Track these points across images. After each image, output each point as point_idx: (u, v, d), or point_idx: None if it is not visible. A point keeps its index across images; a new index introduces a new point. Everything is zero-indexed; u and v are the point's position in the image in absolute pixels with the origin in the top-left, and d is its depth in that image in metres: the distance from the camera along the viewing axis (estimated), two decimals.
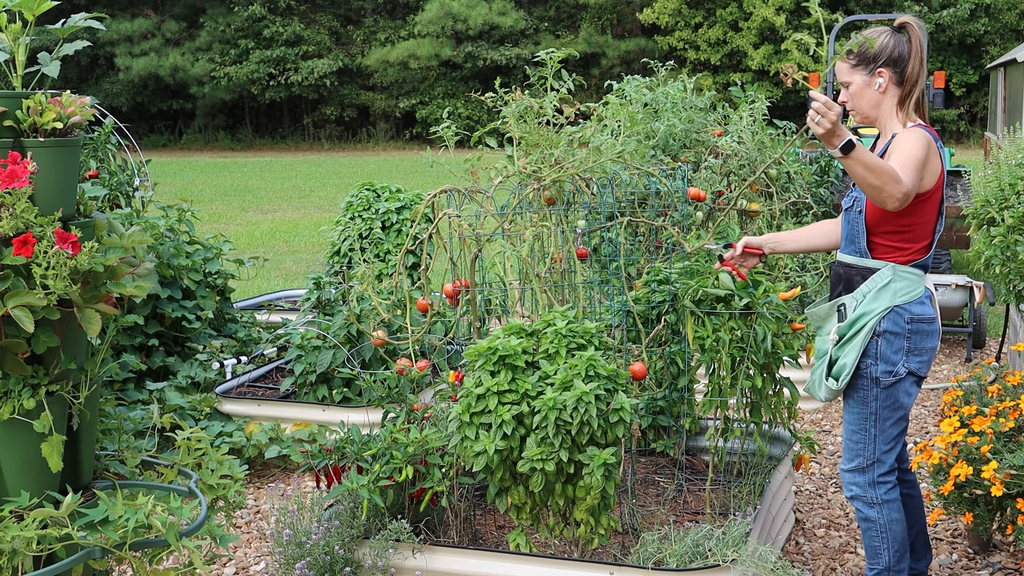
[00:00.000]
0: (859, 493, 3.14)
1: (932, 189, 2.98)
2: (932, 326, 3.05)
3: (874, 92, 3.05)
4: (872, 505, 3.13)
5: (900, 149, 2.93)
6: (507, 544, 3.29)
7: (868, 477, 3.12)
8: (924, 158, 2.91)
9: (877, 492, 3.12)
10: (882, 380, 3.02)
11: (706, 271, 3.78)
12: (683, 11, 29.98)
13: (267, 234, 13.40)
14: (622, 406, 2.99)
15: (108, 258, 2.31)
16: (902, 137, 2.98)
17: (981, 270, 5.03)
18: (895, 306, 2.99)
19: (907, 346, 3.01)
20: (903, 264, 3.01)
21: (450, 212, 3.73)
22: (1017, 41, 27.15)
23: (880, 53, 3.02)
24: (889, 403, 3.05)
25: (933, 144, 2.97)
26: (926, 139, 2.95)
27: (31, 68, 2.41)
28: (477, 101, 28.09)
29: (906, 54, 3.03)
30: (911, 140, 2.94)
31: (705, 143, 5.31)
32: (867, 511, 3.15)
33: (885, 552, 3.15)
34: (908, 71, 3.03)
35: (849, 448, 3.14)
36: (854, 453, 3.13)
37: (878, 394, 3.04)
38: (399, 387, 4.30)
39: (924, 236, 3.03)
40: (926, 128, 3.02)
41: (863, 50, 3.03)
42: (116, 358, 5.13)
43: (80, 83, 31.72)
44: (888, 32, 3.05)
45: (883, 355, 3.01)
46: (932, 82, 9.66)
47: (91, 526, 2.24)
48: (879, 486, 3.12)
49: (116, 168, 6.34)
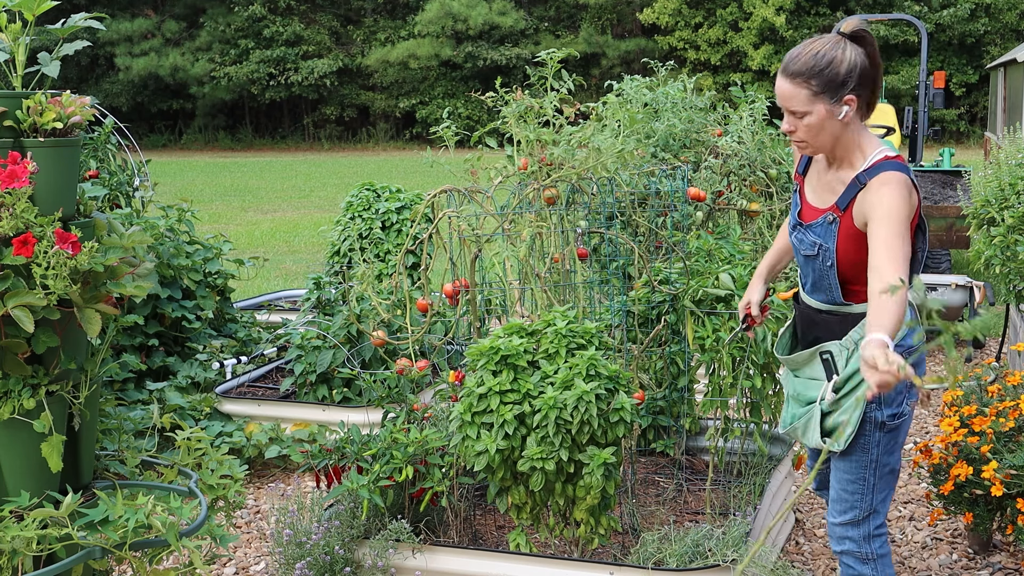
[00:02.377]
0: (852, 548, 2.77)
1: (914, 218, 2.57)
2: (923, 354, 2.75)
3: (836, 123, 2.53)
4: (866, 561, 2.78)
5: (878, 229, 2.46)
6: (507, 544, 3.29)
7: (863, 531, 2.76)
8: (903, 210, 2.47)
9: (872, 546, 2.77)
10: (888, 424, 2.66)
11: (706, 271, 3.78)
12: (683, 11, 29.97)
13: (267, 234, 13.41)
14: (622, 406, 2.99)
15: (108, 258, 2.31)
16: (882, 205, 2.48)
17: (981, 270, 5.03)
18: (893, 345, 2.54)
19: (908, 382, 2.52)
20: None
21: (450, 212, 3.73)
22: (1017, 41, 27.15)
23: (849, 76, 2.49)
24: (891, 446, 2.71)
25: (910, 184, 2.52)
26: (905, 190, 2.50)
27: (31, 68, 2.41)
28: (477, 101, 28.11)
29: (873, 72, 2.55)
30: (891, 200, 2.47)
31: (705, 143, 5.31)
32: (859, 567, 2.79)
33: None
34: (876, 88, 2.58)
35: (843, 500, 2.76)
36: (849, 504, 2.75)
37: (880, 439, 2.68)
38: (399, 387, 4.30)
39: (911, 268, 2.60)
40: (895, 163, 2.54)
41: (829, 74, 2.49)
42: (116, 358, 5.13)
43: (80, 83, 31.71)
44: (844, 44, 2.53)
45: (887, 399, 2.64)
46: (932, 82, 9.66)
47: (91, 526, 2.24)
48: (875, 539, 2.77)
49: (116, 168, 6.34)
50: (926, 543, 4.03)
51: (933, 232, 7.18)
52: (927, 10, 27.60)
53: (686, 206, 4.27)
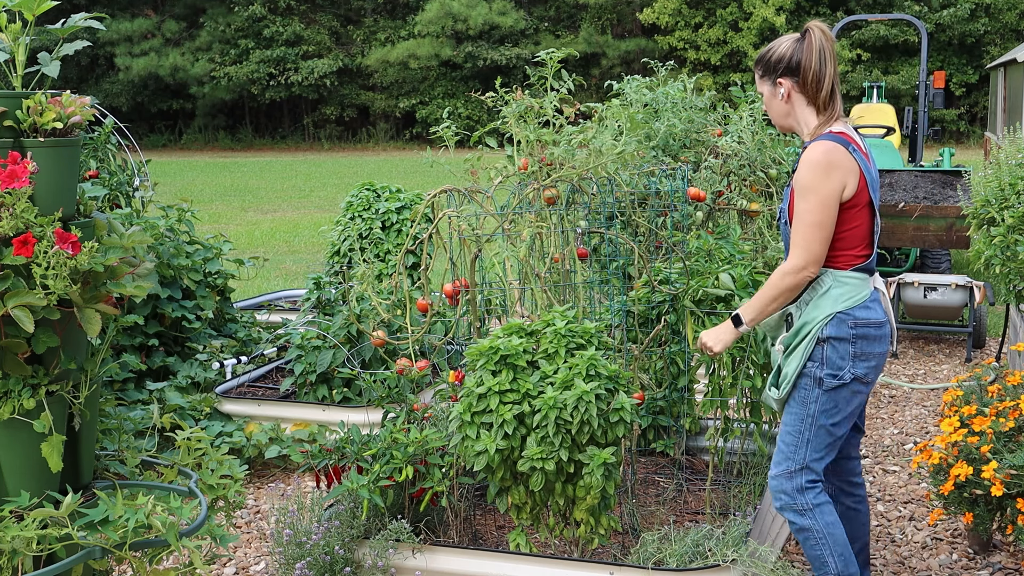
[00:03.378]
0: (788, 502, 2.99)
1: (854, 197, 2.89)
2: (880, 330, 2.95)
3: (779, 103, 3.03)
4: (803, 512, 2.98)
5: (797, 204, 2.89)
6: (507, 544, 3.29)
7: (795, 483, 2.98)
8: (822, 182, 2.84)
9: (806, 497, 2.98)
10: (825, 382, 2.91)
11: (706, 271, 3.78)
12: (683, 11, 29.97)
13: (267, 234, 13.41)
14: (622, 406, 2.99)
15: (108, 258, 2.31)
16: (801, 171, 2.90)
17: (981, 270, 5.03)
18: (837, 312, 2.90)
19: (853, 351, 2.90)
20: (843, 270, 2.93)
21: (450, 212, 3.73)
22: (1017, 41, 27.15)
23: (778, 63, 3.00)
24: (828, 407, 2.94)
25: (837, 156, 2.88)
26: (825, 159, 2.87)
27: (31, 68, 2.41)
28: (477, 101, 28.12)
29: (804, 59, 2.96)
30: (805, 175, 2.88)
31: (705, 143, 5.31)
32: (800, 520, 2.99)
33: (830, 559, 3.00)
34: (808, 75, 2.96)
35: (779, 451, 3.02)
36: (784, 456, 3.00)
37: (819, 396, 2.93)
38: (399, 387, 4.30)
39: (859, 240, 2.94)
40: (832, 136, 2.92)
41: (765, 60, 3.04)
42: (116, 358, 5.13)
43: (80, 83, 31.71)
44: (790, 40, 3.03)
45: (829, 360, 2.91)
46: (932, 82, 9.66)
47: (91, 526, 2.24)
48: (807, 491, 2.98)
49: (116, 168, 6.34)
50: (926, 543, 4.03)
51: (933, 232, 7.17)
52: (927, 10, 27.60)
53: (686, 206, 4.27)
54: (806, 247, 2.88)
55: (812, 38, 2.98)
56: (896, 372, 6.62)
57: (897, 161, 8.61)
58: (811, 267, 2.90)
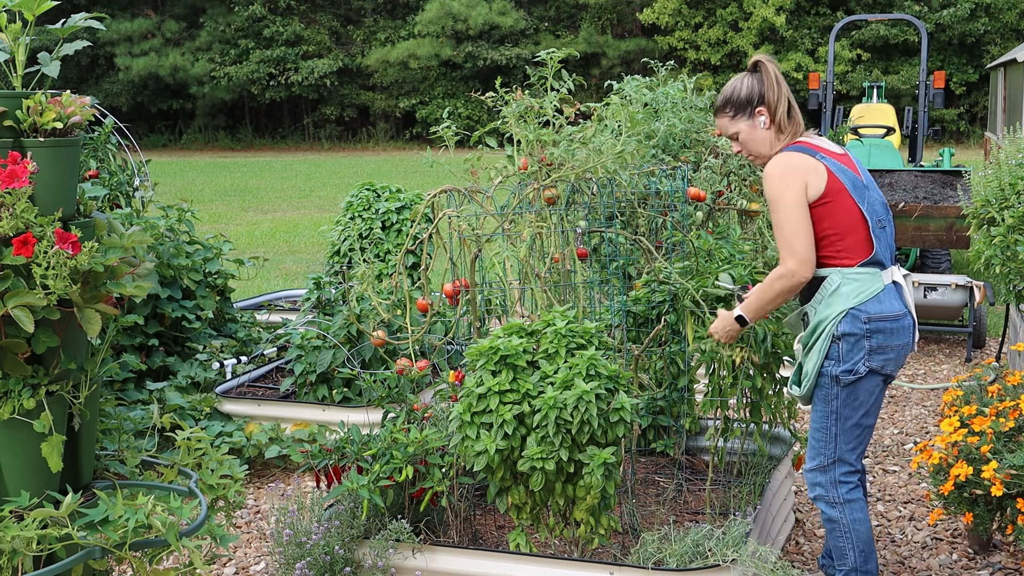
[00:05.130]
0: (822, 493, 3.18)
1: (824, 194, 3.03)
2: (897, 323, 3.07)
3: (762, 131, 3.19)
4: (834, 505, 3.17)
5: (772, 218, 3.09)
6: (507, 544, 3.29)
7: (830, 476, 3.16)
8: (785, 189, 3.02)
9: (839, 491, 3.15)
10: (842, 379, 3.06)
11: (706, 271, 3.78)
12: (683, 11, 29.96)
13: (267, 234, 13.41)
14: (622, 406, 2.99)
15: (108, 258, 2.31)
16: (765, 187, 3.10)
17: (981, 270, 5.03)
18: (850, 308, 3.03)
19: (869, 345, 3.04)
20: (850, 267, 3.05)
21: (450, 212, 3.73)
22: (1017, 41, 27.15)
23: (750, 97, 3.18)
24: (850, 401, 3.09)
25: (794, 161, 3.06)
26: (782, 165, 3.06)
27: (31, 68, 2.41)
28: (477, 101, 28.10)
29: (766, 87, 3.17)
30: (768, 190, 3.07)
31: (705, 143, 5.30)
32: (830, 511, 3.18)
33: (851, 552, 3.18)
34: (773, 101, 3.16)
35: (811, 447, 3.20)
36: (816, 451, 3.18)
37: (839, 392, 3.08)
38: (399, 387, 4.30)
39: (854, 234, 3.05)
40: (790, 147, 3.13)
41: (735, 99, 3.20)
42: (116, 358, 5.13)
43: (80, 83, 31.70)
44: (746, 76, 3.22)
45: (843, 356, 3.05)
46: (932, 82, 9.64)
47: (91, 526, 2.24)
48: (841, 485, 3.15)
49: (116, 168, 6.34)
50: (926, 543, 4.03)
51: (933, 232, 7.17)
52: (927, 10, 27.59)
53: (686, 206, 4.27)
54: (790, 251, 3.03)
55: (768, 69, 3.20)
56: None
57: (897, 161, 8.61)
58: (801, 269, 3.02)
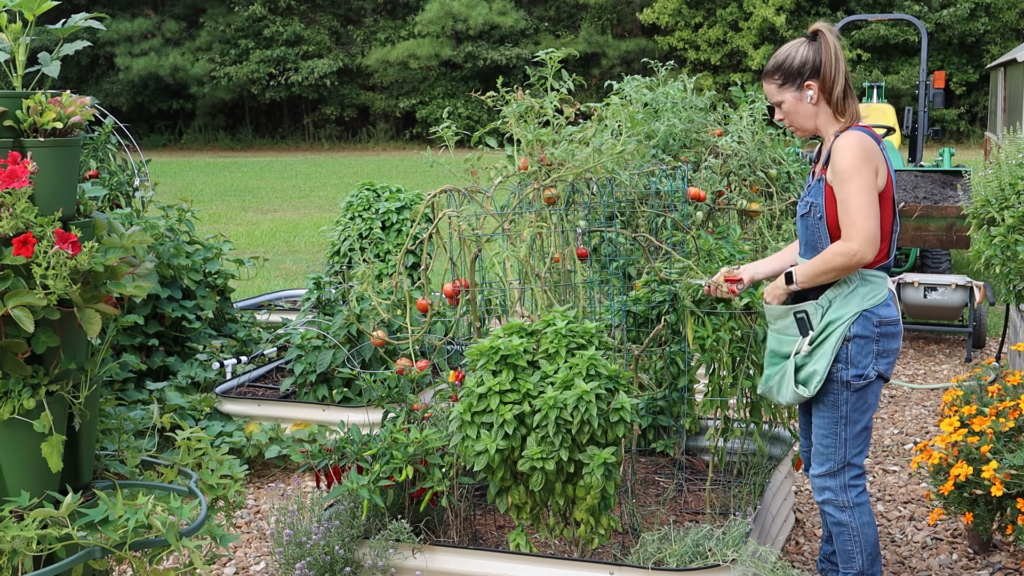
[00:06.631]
0: (831, 497, 3.16)
1: (884, 189, 2.98)
2: (897, 327, 3.07)
3: (807, 105, 3.08)
4: (844, 509, 3.15)
5: (841, 190, 2.93)
6: (507, 544, 3.29)
7: (840, 481, 3.14)
8: (862, 166, 2.92)
9: (849, 495, 3.14)
10: (853, 384, 3.03)
11: (706, 271, 3.78)
12: (683, 11, 29.96)
13: (267, 234, 13.41)
14: (622, 406, 2.99)
15: (108, 258, 2.31)
16: (837, 158, 2.96)
17: (981, 270, 5.03)
18: (863, 310, 3.00)
19: (876, 349, 3.03)
20: (869, 268, 3.02)
21: (450, 212, 3.73)
22: (1017, 41, 27.14)
23: (803, 67, 3.04)
24: (859, 406, 3.07)
25: (869, 144, 2.96)
26: (859, 145, 2.94)
27: (31, 68, 2.41)
28: (477, 101, 28.11)
29: (823, 61, 3.03)
30: (845, 159, 2.93)
31: (705, 143, 5.30)
32: (839, 515, 3.16)
33: (858, 556, 3.17)
34: (828, 75, 3.03)
35: (819, 453, 3.16)
36: (825, 457, 3.14)
37: (848, 397, 3.05)
38: (399, 387, 4.30)
39: (883, 237, 3.02)
40: (860, 129, 3.01)
41: (786, 68, 3.06)
42: (116, 358, 5.13)
43: (80, 83, 31.69)
44: (804, 43, 3.08)
45: (853, 359, 3.02)
46: (932, 82, 9.65)
47: (91, 526, 2.24)
48: (851, 489, 3.14)
49: (116, 168, 6.34)
50: (926, 543, 4.03)
51: (933, 232, 7.17)
52: (927, 10, 27.58)
53: (686, 206, 4.27)
54: (862, 227, 2.90)
55: (827, 39, 3.04)
56: (896, 372, 6.62)
57: (897, 161, 8.61)
58: (866, 248, 2.91)
